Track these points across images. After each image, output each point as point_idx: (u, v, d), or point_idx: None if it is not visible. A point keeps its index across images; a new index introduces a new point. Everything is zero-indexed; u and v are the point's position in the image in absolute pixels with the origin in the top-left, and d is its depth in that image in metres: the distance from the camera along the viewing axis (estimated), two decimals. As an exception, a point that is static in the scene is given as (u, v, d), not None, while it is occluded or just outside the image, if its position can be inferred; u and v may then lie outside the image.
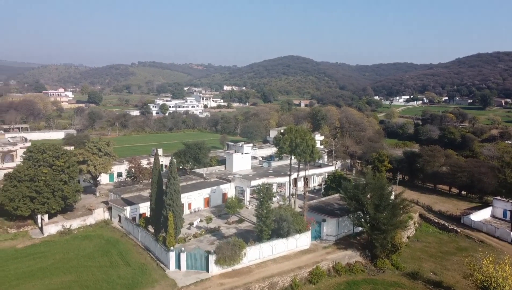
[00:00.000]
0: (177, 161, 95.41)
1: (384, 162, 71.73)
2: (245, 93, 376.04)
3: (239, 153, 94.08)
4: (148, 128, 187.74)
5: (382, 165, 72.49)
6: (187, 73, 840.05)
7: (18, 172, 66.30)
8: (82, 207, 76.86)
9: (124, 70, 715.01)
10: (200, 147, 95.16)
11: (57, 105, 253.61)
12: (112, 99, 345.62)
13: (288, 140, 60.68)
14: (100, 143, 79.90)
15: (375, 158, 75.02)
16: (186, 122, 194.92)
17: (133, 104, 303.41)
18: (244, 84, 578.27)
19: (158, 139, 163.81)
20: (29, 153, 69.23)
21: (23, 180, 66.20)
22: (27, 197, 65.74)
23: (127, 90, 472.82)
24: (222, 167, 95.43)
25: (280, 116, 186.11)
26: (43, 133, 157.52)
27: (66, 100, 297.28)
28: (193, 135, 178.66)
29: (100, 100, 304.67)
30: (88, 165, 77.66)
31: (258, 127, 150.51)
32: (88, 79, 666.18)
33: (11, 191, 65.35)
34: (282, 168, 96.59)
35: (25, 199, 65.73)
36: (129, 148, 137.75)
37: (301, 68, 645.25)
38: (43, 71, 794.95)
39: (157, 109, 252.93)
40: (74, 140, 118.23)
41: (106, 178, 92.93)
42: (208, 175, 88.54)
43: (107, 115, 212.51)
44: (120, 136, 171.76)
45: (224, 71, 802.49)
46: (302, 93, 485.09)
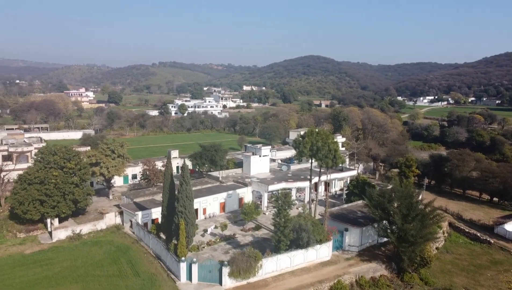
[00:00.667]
0: (193, 163, 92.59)
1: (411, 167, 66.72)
2: (265, 93, 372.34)
3: (257, 155, 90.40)
4: (166, 129, 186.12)
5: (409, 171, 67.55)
6: (207, 73, 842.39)
7: (28, 174, 64.34)
8: (94, 210, 74.61)
9: (145, 70, 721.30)
10: (217, 149, 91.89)
11: (78, 105, 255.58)
12: (132, 99, 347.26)
13: (309, 144, 56.60)
14: (113, 145, 77.50)
15: (402, 163, 70.11)
16: (204, 123, 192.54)
17: (152, 104, 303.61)
18: (264, 84, 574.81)
19: (175, 139, 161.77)
20: (40, 154, 67.25)
21: (33, 183, 64.19)
22: (37, 201, 63.70)
23: (147, 90, 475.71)
24: (239, 170, 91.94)
25: (300, 116, 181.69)
26: (61, 133, 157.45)
27: (86, 100, 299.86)
28: (211, 136, 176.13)
29: (120, 100, 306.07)
30: (101, 167, 75.35)
31: (277, 128, 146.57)
32: (109, 79, 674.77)
33: (21, 194, 63.42)
34: (302, 172, 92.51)
35: (35, 203, 63.70)
36: (146, 148, 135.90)
37: (322, 68, 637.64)
38: (67, 71, 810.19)
39: (176, 109, 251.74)
40: (91, 141, 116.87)
41: (121, 180, 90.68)
42: (224, 179, 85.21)
43: (126, 115, 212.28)
44: (138, 137, 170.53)
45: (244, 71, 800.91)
46: (322, 94, 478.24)
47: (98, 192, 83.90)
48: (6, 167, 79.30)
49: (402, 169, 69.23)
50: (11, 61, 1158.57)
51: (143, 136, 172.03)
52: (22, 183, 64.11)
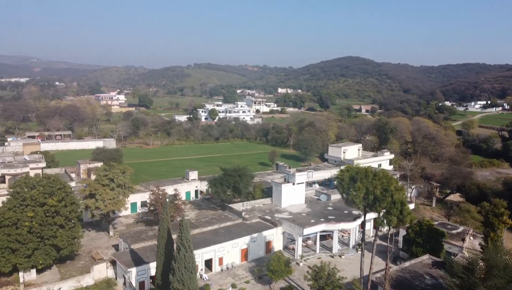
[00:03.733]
0: (213, 191, 77.09)
1: (502, 216, 48.39)
2: (300, 96, 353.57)
3: (290, 183, 73.65)
4: (193, 137, 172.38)
5: (499, 222, 49.00)
6: (242, 74, 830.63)
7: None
8: (87, 253, 60.59)
9: (180, 72, 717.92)
10: (241, 174, 76.06)
11: (107, 109, 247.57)
12: (163, 102, 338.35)
13: (362, 191, 39.49)
14: (112, 172, 63.01)
15: (488, 210, 51.68)
16: (233, 131, 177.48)
17: (183, 108, 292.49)
18: (300, 87, 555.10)
19: (201, 151, 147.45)
20: (15, 188, 53.49)
21: (3, 226, 50.52)
22: (7, 249, 50.01)
23: (181, 92, 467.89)
24: (268, 200, 75.54)
25: (340, 126, 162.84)
26: (80, 143, 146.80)
27: (117, 104, 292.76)
28: (241, 146, 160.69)
29: (151, 104, 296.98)
30: (96, 200, 61.06)
31: (314, 141, 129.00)
32: (145, 81, 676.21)
33: (-12, 240, 49.87)
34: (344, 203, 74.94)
35: (4, 251, 50.05)
36: (166, 163, 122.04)
37: (361, 69, 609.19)
38: (105, 73, 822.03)
39: (206, 114, 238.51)
40: (104, 156, 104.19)
41: (128, 208, 76.36)
42: (249, 212, 69.12)
43: (153, 121, 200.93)
44: (161, 146, 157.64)
45: (279, 73, 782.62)
46: (362, 97, 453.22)
47: (97, 225, 70.13)
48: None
49: (489, 218, 50.74)
50: (55, 63, 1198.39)
51: (168, 146, 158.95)
52: (-10, 226, 50.51)
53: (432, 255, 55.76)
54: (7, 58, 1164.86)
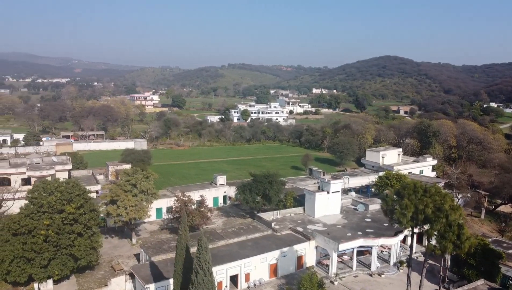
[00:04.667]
0: (241, 198, 72.53)
1: None
2: (336, 97, 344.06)
3: (324, 192, 68.02)
4: (224, 138, 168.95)
5: None
6: (276, 75, 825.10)
7: (13, 222, 48.17)
8: (108, 262, 57.53)
9: (214, 72, 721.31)
10: (271, 180, 71.08)
11: (140, 109, 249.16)
12: (196, 103, 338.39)
13: (411, 209, 33.54)
14: (135, 177, 59.63)
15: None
16: (266, 133, 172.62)
17: (215, 109, 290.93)
18: (335, 87, 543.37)
19: (232, 153, 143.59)
20: (32, 193, 50.94)
21: (19, 233, 48.02)
22: (22, 258, 47.42)
23: (214, 92, 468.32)
24: (300, 209, 70.18)
25: (378, 129, 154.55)
26: (112, 143, 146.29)
27: (151, 104, 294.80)
28: (273, 149, 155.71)
29: (184, 104, 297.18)
30: (118, 206, 57.84)
31: (350, 144, 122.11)
32: (180, 81, 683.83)
33: (2, 249, 47.47)
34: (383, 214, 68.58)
35: (20, 261, 47.49)
36: (195, 165, 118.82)
37: (399, 69, 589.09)
38: (141, 73, 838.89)
39: (238, 115, 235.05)
40: (132, 158, 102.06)
41: (152, 214, 73.06)
42: (279, 223, 64.11)
43: (185, 122, 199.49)
44: (192, 148, 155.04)
45: (314, 73, 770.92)
46: (400, 98, 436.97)
47: (120, 231, 67.16)
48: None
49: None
50: (95, 64, 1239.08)
51: (198, 147, 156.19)
52: (5, 234, 48.11)
53: (488, 280, 48.86)
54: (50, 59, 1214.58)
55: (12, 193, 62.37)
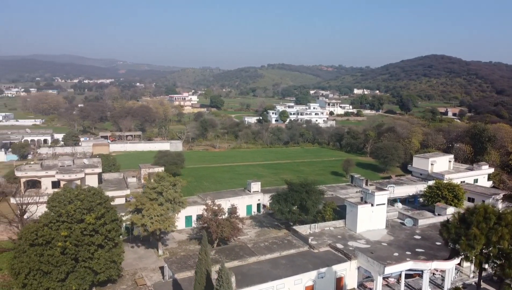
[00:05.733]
0: (276, 209, 67.02)
1: None
2: (378, 98, 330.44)
3: (368, 204, 61.24)
4: (261, 141, 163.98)
5: None
6: (316, 75, 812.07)
7: (31, 231, 45.23)
8: (132, 274, 53.87)
9: (253, 73, 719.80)
10: (309, 190, 65.21)
11: (179, 110, 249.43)
12: (234, 103, 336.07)
13: (482, 241, 26.77)
14: (162, 185, 55.60)
15: None
16: (304, 135, 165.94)
17: (253, 109, 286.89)
18: (377, 88, 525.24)
19: (269, 156, 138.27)
20: (52, 201, 47.91)
21: (36, 244, 45.01)
22: (39, 271, 44.36)
23: (253, 93, 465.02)
24: (341, 222, 63.69)
25: (425, 132, 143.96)
26: (148, 144, 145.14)
27: (189, 104, 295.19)
28: (311, 152, 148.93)
29: (222, 105, 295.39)
30: (143, 216, 54.02)
31: (396, 149, 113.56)
32: (219, 82, 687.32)
33: (19, 259, 44.66)
34: (435, 230, 61.02)
35: (36, 273, 44.44)
36: (230, 169, 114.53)
37: (446, 68, 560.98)
38: (182, 74, 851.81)
39: (276, 116, 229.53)
40: (165, 160, 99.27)
41: (182, 222, 69.16)
42: (316, 238, 58.05)
43: (222, 123, 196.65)
44: (228, 150, 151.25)
45: (356, 73, 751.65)
46: (447, 99, 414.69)
47: (147, 241, 63.48)
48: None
49: None
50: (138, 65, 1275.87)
51: (234, 150, 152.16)
52: (23, 243, 45.29)
53: None
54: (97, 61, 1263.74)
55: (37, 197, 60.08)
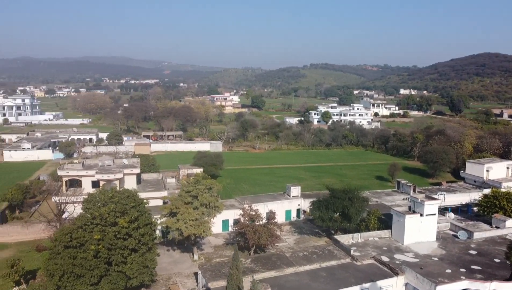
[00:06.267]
0: (316, 216, 63.57)
1: None
2: (426, 98, 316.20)
3: (417, 214, 56.54)
4: (302, 142, 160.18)
5: None
6: (360, 75, 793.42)
7: (65, 233, 44.73)
8: (166, 280, 52.46)
9: (295, 73, 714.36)
10: (352, 197, 61.24)
11: (220, 110, 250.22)
12: (275, 104, 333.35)
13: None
14: (197, 188, 53.85)
15: None
16: (347, 137, 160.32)
17: (295, 110, 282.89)
18: (425, 87, 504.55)
19: (310, 158, 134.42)
20: (88, 203, 47.32)
21: (70, 246, 44.44)
22: (72, 274, 43.72)
23: (295, 93, 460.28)
24: (386, 232, 59.33)
25: (478, 135, 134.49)
26: (188, 144, 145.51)
27: (230, 104, 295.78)
28: (355, 155, 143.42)
29: (263, 105, 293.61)
30: (177, 220, 52.51)
31: (446, 153, 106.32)
32: (261, 82, 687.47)
33: (54, 261, 44.26)
34: (494, 245, 55.61)
35: (70, 276, 43.83)
36: (270, 171, 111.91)
37: (501, 67, 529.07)
38: (224, 74, 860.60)
39: (319, 117, 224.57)
40: (204, 161, 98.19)
41: (218, 226, 67.30)
42: (359, 249, 54.21)
43: (263, 123, 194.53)
44: (268, 151, 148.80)
45: (402, 72, 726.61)
46: (502, 99, 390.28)
47: (182, 244, 61.94)
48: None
49: None
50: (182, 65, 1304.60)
51: (275, 151, 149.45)
52: (58, 245, 44.88)
53: None
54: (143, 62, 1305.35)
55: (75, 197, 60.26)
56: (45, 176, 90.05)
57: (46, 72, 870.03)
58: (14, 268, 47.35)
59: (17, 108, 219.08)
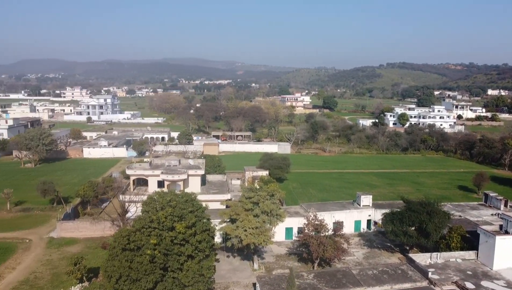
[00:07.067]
0: (388, 230, 57.53)
1: None
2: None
3: (510, 236, 48.47)
4: (376, 146, 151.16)
5: None
6: (442, 74, 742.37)
7: (123, 236, 44.11)
8: (223, 289, 50.14)
9: (370, 72, 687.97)
10: (431, 211, 54.36)
11: (290, 110, 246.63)
12: (348, 105, 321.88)
13: None
14: (258, 194, 50.87)
15: None
16: (427, 141, 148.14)
17: (369, 111, 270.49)
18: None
19: (384, 163, 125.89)
20: (147, 205, 46.44)
21: (127, 249, 43.74)
22: (129, 277, 42.96)
23: (369, 93, 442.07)
24: (471, 253, 51.79)
25: None
26: (256, 145, 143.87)
27: (301, 105, 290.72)
28: (435, 161, 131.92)
29: (335, 106, 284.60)
30: (237, 227, 49.97)
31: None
32: (334, 82, 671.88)
33: (112, 263, 43.86)
34: None
35: (126, 279, 43.12)
36: (339, 176, 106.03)
37: None
38: (296, 74, 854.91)
39: (395, 119, 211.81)
40: (270, 164, 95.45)
41: (281, 233, 63.84)
42: (438, 271, 47.66)
43: (334, 125, 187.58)
44: (339, 154, 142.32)
45: (490, 71, 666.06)
46: None
47: (242, 251, 59.34)
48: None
49: None
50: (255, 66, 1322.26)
51: (346, 155, 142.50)
52: (117, 246, 44.43)
53: None
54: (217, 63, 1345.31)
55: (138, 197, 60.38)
56: (117, 174, 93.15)
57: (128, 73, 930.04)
58: (77, 266, 47.90)
59: (100, 107, 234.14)
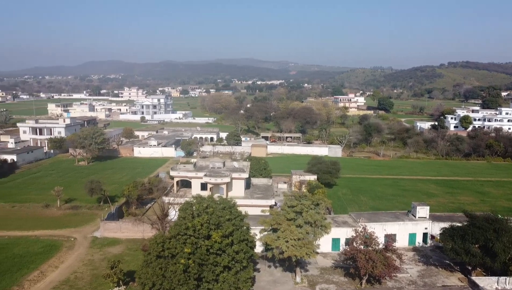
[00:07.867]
0: (449, 247, 51.46)
1: None
2: None
3: None
4: (435, 151, 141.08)
5: None
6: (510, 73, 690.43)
7: (157, 243, 42.31)
8: (262, 302, 47.04)
9: (430, 72, 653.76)
10: (499, 228, 47.81)
11: (343, 111, 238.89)
12: (405, 106, 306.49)
13: None
14: (302, 203, 47.19)
15: None
16: (492, 147, 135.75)
17: (428, 113, 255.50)
18: None
19: (443, 170, 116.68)
20: (184, 211, 44.36)
21: (161, 257, 41.92)
22: (162, 286, 41.09)
23: (428, 94, 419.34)
24: (549, 281, 44.69)
25: None
26: (305, 147, 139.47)
27: (355, 106, 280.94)
28: (502, 169, 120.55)
29: (391, 107, 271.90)
30: (278, 237, 46.61)
31: None
32: (390, 82, 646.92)
33: (146, 269, 42.25)
34: None
35: (159, 288, 41.29)
36: (394, 183, 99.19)
37: None
38: (351, 74, 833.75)
39: (456, 122, 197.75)
40: (318, 168, 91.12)
41: (328, 244, 59.64)
42: (509, 300, 41.30)
43: (389, 127, 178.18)
44: (394, 159, 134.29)
45: None
46: None
47: (284, 262, 55.86)
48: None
49: None
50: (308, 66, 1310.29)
51: (401, 159, 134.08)
52: (150, 254, 42.76)
53: None
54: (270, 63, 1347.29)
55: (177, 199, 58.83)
56: (163, 174, 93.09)
57: (183, 74, 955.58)
58: (114, 270, 46.89)
59: (153, 107, 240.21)
